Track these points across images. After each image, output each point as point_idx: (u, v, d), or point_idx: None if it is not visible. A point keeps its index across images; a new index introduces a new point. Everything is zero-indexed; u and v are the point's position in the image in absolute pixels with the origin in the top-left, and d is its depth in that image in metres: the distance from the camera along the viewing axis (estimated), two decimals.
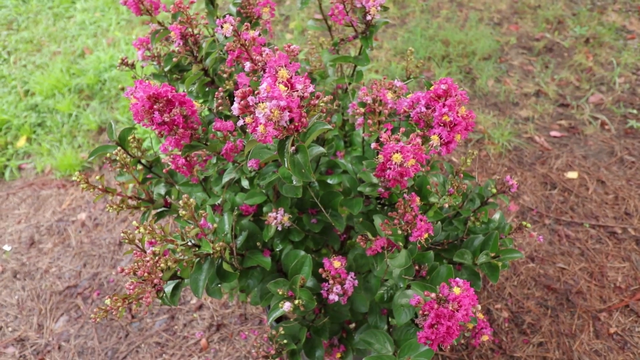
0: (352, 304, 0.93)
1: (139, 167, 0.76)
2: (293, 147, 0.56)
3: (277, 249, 0.79)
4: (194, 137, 0.59)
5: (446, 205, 0.72)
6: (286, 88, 0.43)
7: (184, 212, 0.61)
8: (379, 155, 0.56)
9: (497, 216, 0.99)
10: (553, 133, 2.34)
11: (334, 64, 1.16)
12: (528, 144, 2.28)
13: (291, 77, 0.46)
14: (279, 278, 0.73)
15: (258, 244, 0.75)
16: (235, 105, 0.44)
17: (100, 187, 0.71)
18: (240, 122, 0.44)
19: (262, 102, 0.42)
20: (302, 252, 0.77)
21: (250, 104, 0.43)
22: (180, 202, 0.61)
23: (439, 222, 0.70)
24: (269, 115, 0.42)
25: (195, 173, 0.69)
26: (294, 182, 0.60)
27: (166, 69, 0.88)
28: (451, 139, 0.58)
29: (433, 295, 0.58)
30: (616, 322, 1.57)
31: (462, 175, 0.74)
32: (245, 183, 0.81)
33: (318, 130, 0.56)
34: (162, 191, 0.81)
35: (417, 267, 0.80)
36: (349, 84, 1.06)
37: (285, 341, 0.77)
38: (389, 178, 0.56)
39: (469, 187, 1.05)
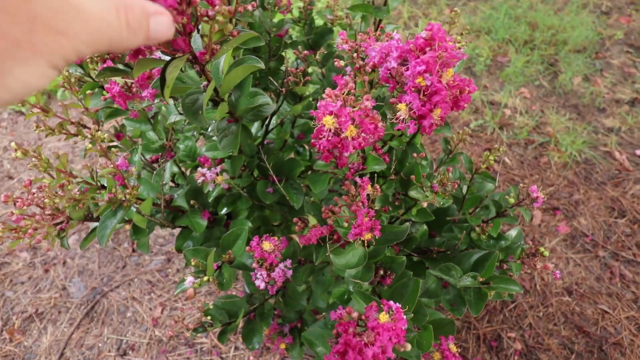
0: (311, 295, 0.81)
1: (90, 91, 0.68)
2: (204, 83, 0.43)
3: (222, 212, 0.67)
4: (110, 56, 0.48)
5: (424, 204, 0.55)
6: None
7: (89, 146, 0.52)
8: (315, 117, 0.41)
9: (512, 233, 0.79)
10: None
11: (366, 18, 0.99)
12: (604, 159, 1.92)
13: None
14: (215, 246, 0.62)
15: (193, 202, 0.64)
16: None
17: (37, 104, 0.64)
18: None
19: None
20: (249, 224, 0.66)
21: None
22: (88, 132, 0.51)
23: (407, 223, 0.54)
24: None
25: (134, 107, 0.59)
26: (209, 130, 0.48)
27: None
28: (425, 112, 0.41)
29: (355, 315, 0.44)
30: None
31: (450, 169, 0.56)
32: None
33: (243, 68, 0.43)
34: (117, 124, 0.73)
35: (382, 272, 0.65)
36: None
37: (209, 317, 0.67)
38: (320, 149, 0.41)
39: (488, 190, 0.85)
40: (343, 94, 0.39)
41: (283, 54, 0.92)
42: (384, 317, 0.41)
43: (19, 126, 2.26)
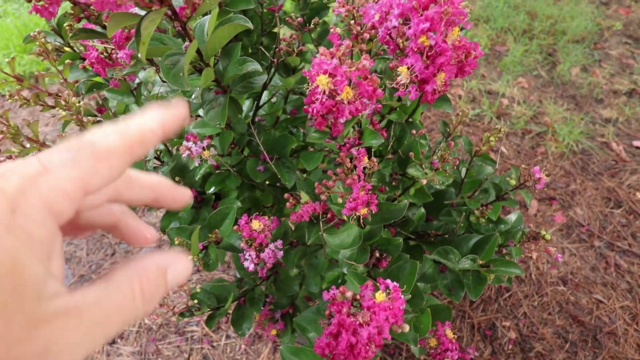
0: (303, 281, 0.78)
1: (69, 61, 0.64)
2: (186, 43, 0.40)
3: (210, 191, 0.64)
4: (85, 14, 0.45)
5: (423, 182, 0.52)
6: None
7: (64, 113, 0.48)
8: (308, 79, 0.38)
9: (512, 217, 0.77)
10: (636, 143, 1.93)
11: None
12: (601, 149, 1.90)
13: None
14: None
15: (177, 179, 0.60)
16: None
17: (12, 74, 0.60)
18: None
19: None
20: (238, 204, 0.62)
21: None
22: (62, 100, 0.47)
23: (405, 201, 0.51)
24: None
25: (114, 75, 0.55)
26: (192, 97, 0.44)
27: None
28: (428, 75, 0.38)
29: (349, 294, 0.41)
30: None
31: (452, 143, 0.53)
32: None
33: (229, 27, 0.39)
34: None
35: (377, 255, 0.62)
36: None
37: (195, 301, 0.64)
38: (314, 114, 0.38)
39: (488, 174, 0.83)
40: (339, 52, 0.36)
41: (275, 30, 0.88)
42: (380, 296, 0.38)
43: None
